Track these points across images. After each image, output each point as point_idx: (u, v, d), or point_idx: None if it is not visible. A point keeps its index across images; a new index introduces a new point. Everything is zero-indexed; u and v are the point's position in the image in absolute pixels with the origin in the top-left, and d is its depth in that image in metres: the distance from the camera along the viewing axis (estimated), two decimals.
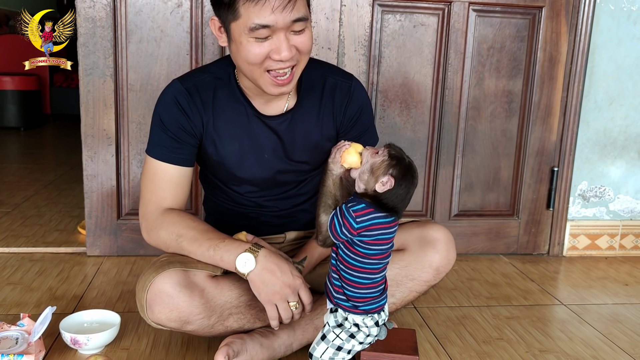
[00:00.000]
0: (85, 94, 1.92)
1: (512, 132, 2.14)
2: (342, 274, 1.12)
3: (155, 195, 1.31)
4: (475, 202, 2.18)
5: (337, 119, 1.38)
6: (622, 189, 2.23)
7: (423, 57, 2.04)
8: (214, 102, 1.32)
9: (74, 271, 1.89)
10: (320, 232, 1.11)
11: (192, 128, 1.31)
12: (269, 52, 1.16)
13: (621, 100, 2.15)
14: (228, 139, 1.33)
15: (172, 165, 1.30)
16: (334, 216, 1.08)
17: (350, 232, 1.06)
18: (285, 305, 1.21)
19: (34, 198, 2.76)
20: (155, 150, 1.31)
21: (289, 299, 1.21)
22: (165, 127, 1.30)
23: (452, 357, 1.43)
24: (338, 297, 1.13)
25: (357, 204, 1.06)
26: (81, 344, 1.34)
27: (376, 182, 1.06)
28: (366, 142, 1.40)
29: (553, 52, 2.09)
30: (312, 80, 1.35)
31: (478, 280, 1.96)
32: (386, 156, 1.07)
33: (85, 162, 1.97)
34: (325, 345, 1.13)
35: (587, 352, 1.49)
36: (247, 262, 1.19)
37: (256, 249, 1.21)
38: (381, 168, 1.07)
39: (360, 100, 1.40)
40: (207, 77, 1.32)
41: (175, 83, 1.32)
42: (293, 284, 1.21)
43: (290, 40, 1.17)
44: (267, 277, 1.19)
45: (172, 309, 1.20)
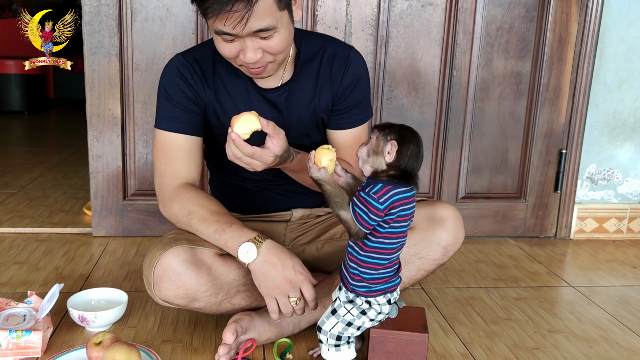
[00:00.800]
0: (90, 73, 1.91)
1: (520, 113, 2.12)
2: (359, 258, 1.09)
3: (170, 167, 1.30)
4: (483, 185, 2.17)
5: (333, 87, 1.36)
6: (631, 172, 2.22)
7: (431, 37, 2.01)
8: (215, 75, 1.32)
9: (80, 251, 1.89)
10: (350, 229, 1.07)
11: (196, 97, 1.31)
12: (237, 52, 1.18)
13: (631, 81, 2.13)
14: (230, 111, 1.32)
15: (182, 135, 1.30)
16: (355, 207, 1.05)
17: (378, 215, 1.04)
18: (284, 300, 1.18)
19: (39, 180, 2.76)
20: (163, 123, 1.31)
21: (289, 294, 1.18)
22: (170, 98, 1.30)
23: (460, 337, 1.43)
24: (355, 285, 1.11)
25: (374, 185, 1.04)
26: (89, 321, 1.34)
27: (384, 156, 1.04)
28: (358, 115, 1.40)
29: (563, 32, 2.06)
30: (311, 51, 1.34)
31: (485, 262, 1.95)
32: (377, 132, 1.07)
33: (91, 143, 1.96)
34: (336, 320, 1.12)
35: (596, 333, 1.49)
36: (249, 253, 1.17)
37: (261, 239, 1.19)
38: (380, 143, 1.05)
39: (357, 71, 1.37)
40: (207, 51, 1.33)
41: (177, 56, 1.34)
42: (294, 280, 1.17)
43: (257, 44, 1.16)
44: (268, 269, 1.17)
45: (180, 286, 1.20)
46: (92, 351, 1.17)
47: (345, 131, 1.40)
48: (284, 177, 1.43)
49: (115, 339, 1.19)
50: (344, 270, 1.13)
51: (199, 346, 1.32)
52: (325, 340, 1.13)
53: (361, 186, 1.08)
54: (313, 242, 1.47)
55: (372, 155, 1.05)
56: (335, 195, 1.08)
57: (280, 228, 1.48)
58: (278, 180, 1.42)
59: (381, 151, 1.04)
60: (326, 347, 1.14)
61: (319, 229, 1.49)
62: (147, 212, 2.03)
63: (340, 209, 1.07)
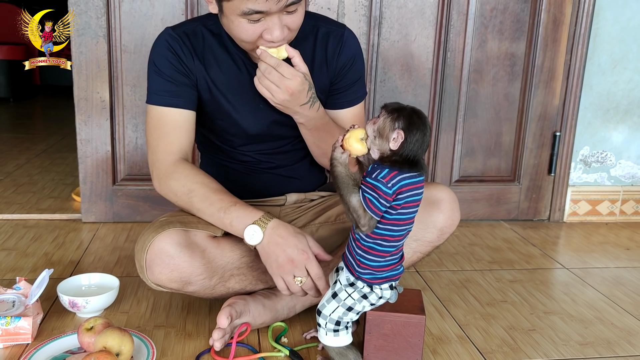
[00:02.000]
0: (77, 55, 1.86)
1: (514, 96, 2.10)
2: (366, 245, 1.06)
3: (163, 142, 1.27)
4: (477, 168, 2.15)
5: (330, 67, 1.35)
6: (624, 154, 2.21)
7: (425, 18, 1.98)
8: (205, 50, 1.29)
9: (69, 237, 1.86)
10: (359, 218, 1.03)
11: (187, 70, 1.28)
12: (262, 32, 1.15)
13: (625, 63, 2.12)
14: (221, 87, 1.30)
15: (174, 109, 1.27)
16: (364, 193, 1.02)
17: (387, 200, 1.01)
18: (290, 279, 1.16)
19: (26, 166, 2.71)
20: (155, 98, 1.27)
21: (295, 273, 1.15)
22: (161, 72, 1.27)
23: (456, 319, 1.42)
24: (361, 272, 1.09)
25: (381, 170, 1.02)
26: (80, 307, 1.32)
27: (388, 142, 1.02)
28: (356, 93, 1.40)
29: (557, 13, 2.04)
30: (304, 30, 1.31)
31: (479, 245, 1.95)
32: (386, 114, 1.04)
33: (79, 127, 1.92)
34: (336, 304, 1.10)
35: (591, 314, 1.49)
36: (255, 235, 1.15)
37: (266, 220, 1.16)
38: (386, 126, 1.03)
39: (353, 49, 1.36)
40: (197, 26, 1.30)
41: (166, 30, 1.30)
42: (297, 259, 1.14)
43: (283, 20, 1.15)
44: (273, 249, 1.15)
45: (173, 269, 1.17)
46: (83, 337, 1.15)
47: (344, 110, 1.39)
48: (275, 159, 1.41)
49: (107, 324, 1.17)
50: (349, 256, 1.11)
51: (193, 331, 1.30)
52: (324, 325, 1.11)
53: (365, 172, 1.05)
54: (308, 225, 1.45)
55: (377, 137, 1.03)
56: (348, 179, 1.04)
57: (274, 212, 1.46)
58: (270, 162, 1.40)
59: (386, 136, 1.02)
60: (324, 331, 1.12)
61: (313, 213, 1.47)
62: (138, 198, 2.00)
63: (351, 194, 1.03)
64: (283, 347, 1.22)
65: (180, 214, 1.27)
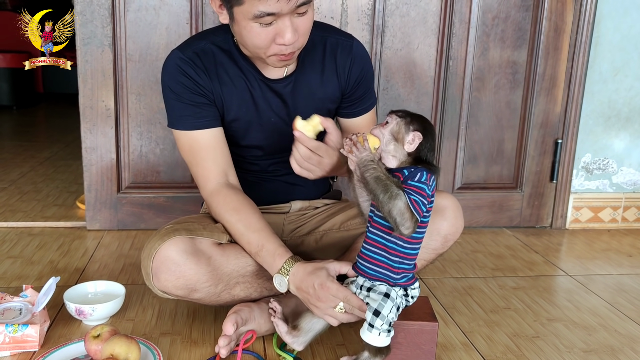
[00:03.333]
0: (83, 64, 1.88)
1: (516, 103, 2.12)
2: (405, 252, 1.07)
3: (200, 168, 1.30)
4: (479, 175, 2.16)
5: (341, 79, 1.37)
6: (626, 162, 2.22)
7: (427, 26, 2.00)
8: (217, 68, 1.30)
9: (74, 245, 1.87)
10: (405, 219, 0.99)
11: (204, 90, 1.29)
12: (274, 36, 1.15)
13: (626, 71, 2.13)
14: (235, 103, 1.31)
15: (202, 131, 1.28)
16: (410, 196, 1.00)
17: (429, 202, 1.03)
18: (333, 313, 1.12)
19: (30, 174, 2.72)
20: (180, 123, 1.29)
21: (331, 306, 1.11)
22: (179, 97, 1.27)
23: (460, 326, 1.43)
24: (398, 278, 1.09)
25: (421, 173, 1.01)
26: (86, 314, 1.33)
27: (404, 145, 1.03)
28: (368, 101, 1.44)
29: (558, 21, 2.05)
30: (313, 40, 1.32)
31: (482, 252, 1.95)
32: (398, 118, 1.06)
33: (84, 135, 1.93)
34: (391, 304, 1.08)
35: (594, 320, 1.49)
36: (282, 284, 1.17)
37: (287, 267, 1.16)
38: (400, 130, 1.05)
39: (363, 60, 1.39)
40: (206, 44, 1.30)
41: (175, 53, 1.29)
42: (322, 296, 1.11)
43: (294, 22, 1.15)
44: (302, 295, 1.15)
45: (179, 277, 1.18)
46: (90, 344, 1.16)
47: (359, 117, 1.44)
48: (283, 168, 1.42)
49: (113, 331, 1.17)
50: (379, 269, 1.09)
51: (198, 338, 1.31)
52: (380, 325, 1.08)
53: (401, 177, 1.03)
54: (312, 233, 1.46)
55: (392, 141, 1.04)
56: (388, 180, 1.00)
57: (279, 220, 1.47)
58: (278, 170, 1.41)
59: (402, 139, 1.03)
60: (378, 331, 1.08)
61: (317, 220, 1.48)
62: (142, 205, 2.01)
63: (397, 197, 0.99)
64: (288, 355, 1.23)
65: (186, 221, 1.28)
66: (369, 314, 1.08)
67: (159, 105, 1.92)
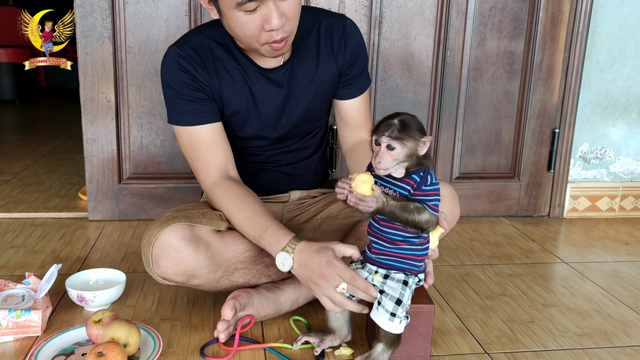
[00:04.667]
0: (83, 56, 1.90)
1: (513, 93, 2.13)
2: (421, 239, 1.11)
3: (200, 163, 1.32)
4: (477, 165, 2.18)
5: (338, 59, 1.38)
6: (623, 151, 2.24)
7: (424, 17, 2.01)
8: (215, 63, 1.31)
9: (76, 235, 1.89)
10: (430, 225, 1.06)
11: (203, 86, 1.30)
12: (261, 23, 1.16)
13: (623, 60, 2.14)
14: (234, 96, 1.33)
15: (202, 126, 1.30)
16: (429, 202, 1.05)
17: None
18: (332, 294, 1.11)
19: (33, 167, 2.75)
20: (179, 119, 1.31)
21: (332, 285, 1.10)
22: (178, 93, 1.29)
23: (456, 312, 1.45)
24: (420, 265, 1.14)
25: (430, 176, 1.06)
26: (87, 300, 1.35)
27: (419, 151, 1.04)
28: (364, 81, 1.45)
29: (555, 11, 2.06)
30: (305, 25, 1.34)
31: (480, 240, 1.97)
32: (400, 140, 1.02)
33: (85, 127, 1.96)
34: (409, 291, 1.11)
35: (589, 306, 1.51)
36: (285, 262, 1.16)
37: (293, 245, 1.16)
38: (414, 145, 1.03)
39: (357, 38, 1.40)
40: (202, 39, 1.31)
41: (172, 49, 1.30)
42: (326, 271, 1.10)
43: (279, 7, 1.16)
44: (304, 272, 1.14)
45: (179, 263, 1.21)
46: (92, 329, 1.18)
47: (356, 99, 1.45)
48: (283, 158, 1.44)
49: (114, 316, 1.20)
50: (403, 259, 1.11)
51: (198, 323, 1.33)
52: (401, 313, 1.10)
53: (414, 184, 1.05)
54: (310, 221, 1.48)
55: (408, 161, 1.05)
56: (406, 204, 1.04)
57: (278, 208, 1.49)
58: (279, 161, 1.43)
59: (415, 151, 1.04)
60: (399, 319, 1.10)
61: (315, 208, 1.50)
62: (143, 196, 2.03)
63: (421, 213, 1.04)
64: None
65: (186, 209, 1.31)
66: (390, 303, 1.09)
67: (159, 97, 1.94)
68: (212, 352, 1.22)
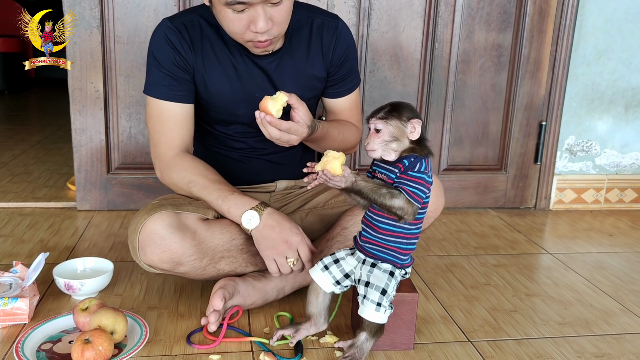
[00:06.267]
0: (71, 46, 1.89)
1: (501, 86, 2.15)
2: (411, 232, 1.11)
3: (165, 136, 1.34)
4: (464, 157, 2.20)
5: (326, 58, 1.41)
6: (609, 144, 2.26)
7: (413, 9, 2.02)
8: (203, 41, 1.33)
9: (64, 224, 1.89)
10: (404, 212, 1.05)
11: (185, 64, 1.32)
12: (248, 23, 1.19)
13: (609, 54, 2.16)
14: (218, 77, 1.34)
15: (174, 103, 1.32)
16: (408, 188, 1.05)
17: (429, 188, 1.08)
18: (282, 261, 1.24)
19: (22, 157, 2.74)
20: (154, 90, 1.33)
21: (287, 254, 1.24)
22: (160, 65, 1.31)
23: (440, 301, 1.47)
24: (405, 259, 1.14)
25: (420, 163, 1.06)
26: (75, 289, 1.36)
27: (407, 136, 1.06)
28: (353, 80, 1.47)
29: (543, 5, 2.08)
30: (299, 20, 1.37)
31: (466, 231, 1.99)
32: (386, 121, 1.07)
33: (73, 116, 1.95)
34: (395, 282, 1.13)
35: (571, 296, 1.53)
36: (252, 219, 1.23)
37: (262, 207, 1.25)
38: (398, 127, 1.07)
39: (347, 40, 1.43)
40: (195, 17, 1.33)
41: (164, 21, 1.34)
42: (290, 240, 1.23)
43: (267, 12, 1.18)
44: (267, 232, 1.23)
45: (165, 250, 1.21)
46: (79, 316, 1.19)
47: (344, 98, 1.47)
48: (269, 146, 1.45)
49: (101, 304, 1.21)
50: (388, 250, 1.12)
51: (185, 312, 1.34)
52: (386, 303, 1.12)
53: (402, 167, 1.06)
54: (297, 211, 1.49)
55: (394, 142, 1.07)
56: (378, 187, 1.05)
57: (265, 198, 1.50)
58: (265, 149, 1.44)
59: (403, 133, 1.07)
60: (383, 309, 1.12)
61: (302, 199, 1.51)
62: (132, 186, 2.04)
63: (393, 198, 1.05)
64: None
65: (172, 197, 1.31)
66: (376, 293, 1.11)
67: None
68: (199, 340, 1.23)
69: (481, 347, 1.26)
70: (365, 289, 1.12)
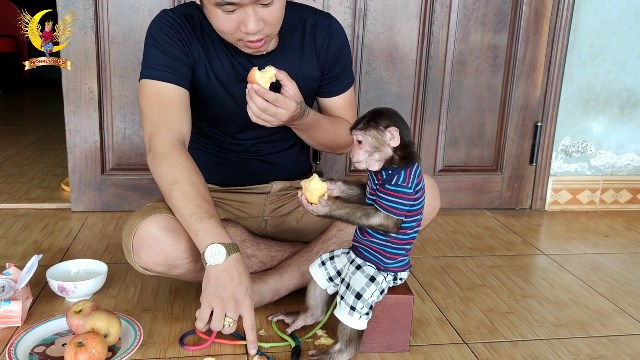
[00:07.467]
0: (65, 46, 1.88)
1: (496, 87, 2.15)
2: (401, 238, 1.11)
3: (164, 116, 1.23)
4: (460, 158, 2.20)
5: (320, 57, 1.40)
6: (604, 145, 2.26)
7: (409, 10, 2.02)
8: (203, 34, 1.32)
9: (58, 226, 1.88)
10: (387, 228, 1.07)
11: (188, 49, 1.29)
12: (238, 24, 1.18)
13: (605, 55, 2.16)
14: (218, 73, 1.33)
15: (173, 86, 1.25)
16: (385, 203, 1.05)
17: (410, 199, 1.06)
18: (219, 315, 1.11)
19: (16, 157, 2.73)
20: (153, 72, 1.25)
21: (228, 312, 1.11)
22: (161, 46, 1.26)
23: (436, 303, 1.46)
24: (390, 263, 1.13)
25: (397, 175, 1.05)
26: (68, 291, 1.35)
27: (387, 144, 1.06)
28: (347, 79, 1.47)
29: (538, 6, 2.08)
30: (292, 21, 1.36)
31: (462, 232, 1.99)
32: (364, 131, 1.06)
33: (68, 117, 1.94)
34: (375, 288, 1.11)
35: (567, 297, 1.53)
36: (217, 255, 1.11)
37: (233, 248, 1.13)
38: (377, 136, 1.06)
39: (340, 38, 1.42)
40: (193, 11, 1.32)
41: (164, 11, 1.32)
42: (240, 300, 1.11)
43: (258, 13, 1.17)
44: (223, 279, 1.11)
45: (159, 253, 1.21)
46: (72, 319, 1.18)
47: (338, 97, 1.47)
48: (266, 147, 1.44)
49: (95, 307, 1.20)
50: (373, 252, 1.12)
51: (179, 314, 1.34)
52: (361, 309, 1.11)
53: (380, 179, 1.07)
54: (292, 212, 1.49)
55: (376, 152, 1.06)
56: (353, 212, 1.07)
57: (260, 199, 1.50)
58: (260, 150, 1.43)
59: (382, 142, 1.06)
60: (359, 315, 1.11)
61: (298, 200, 1.50)
62: (126, 187, 2.03)
63: (369, 218, 1.06)
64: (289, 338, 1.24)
65: None
66: (351, 296, 1.10)
67: None
68: (193, 341, 1.22)
69: (477, 349, 1.26)
70: (345, 290, 1.13)
